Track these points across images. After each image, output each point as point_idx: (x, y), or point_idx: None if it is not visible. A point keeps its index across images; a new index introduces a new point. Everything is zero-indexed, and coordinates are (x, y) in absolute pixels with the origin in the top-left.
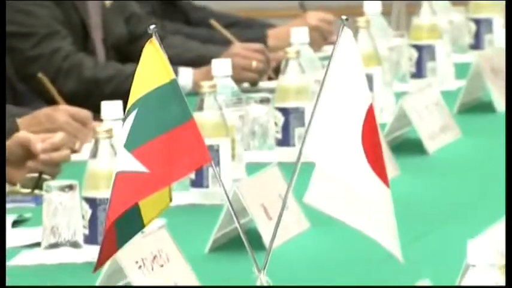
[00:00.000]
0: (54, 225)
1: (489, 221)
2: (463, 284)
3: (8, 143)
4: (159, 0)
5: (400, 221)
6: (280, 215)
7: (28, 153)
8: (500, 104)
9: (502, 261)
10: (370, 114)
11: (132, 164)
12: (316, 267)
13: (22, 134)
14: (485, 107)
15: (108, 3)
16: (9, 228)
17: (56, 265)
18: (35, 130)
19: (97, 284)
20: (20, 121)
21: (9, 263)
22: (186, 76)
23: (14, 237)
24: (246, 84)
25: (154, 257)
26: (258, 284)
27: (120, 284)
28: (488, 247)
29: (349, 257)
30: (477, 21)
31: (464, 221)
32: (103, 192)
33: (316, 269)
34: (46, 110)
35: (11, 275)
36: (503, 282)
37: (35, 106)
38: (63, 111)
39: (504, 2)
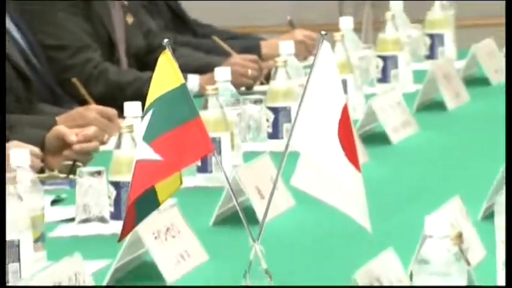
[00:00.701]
0: (86, 203)
1: (443, 200)
2: (421, 252)
3: (48, 135)
4: (171, 18)
5: (370, 199)
6: (271, 195)
7: (64, 144)
8: (450, 104)
9: (454, 232)
10: (344, 112)
11: (149, 153)
12: (300, 237)
13: (59, 128)
14: (438, 106)
15: (129, 20)
16: (48, 207)
17: (87, 236)
18: (70, 125)
19: (120, 252)
20: (58, 118)
21: (49, 235)
22: (193, 81)
23: (52, 213)
24: (242, 88)
25: (167, 229)
26: (253, 251)
27: (140, 252)
28: (442, 221)
29: (327, 229)
30: (431, 36)
31: (423, 200)
32: (125, 177)
33: (301, 239)
34: (79, 109)
35: (49, 245)
36: (455, 250)
37: (70, 106)
38: (93, 110)
39: (453, 18)
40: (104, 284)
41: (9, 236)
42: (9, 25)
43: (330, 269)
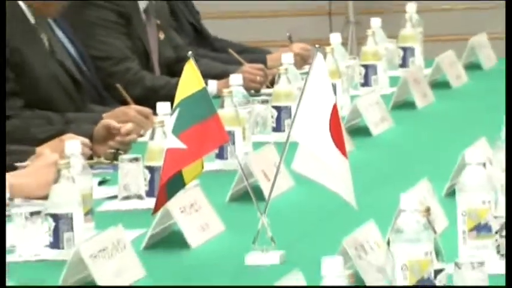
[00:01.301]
0: (126, 184)
1: (414, 181)
2: (396, 223)
3: (96, 128)
4: (194, 35)
5: (355, 181)
6: (275, 177)
7: (109, 135)
8: (419, 103)
9: (423, 207)
10: (334, 110)
11: (177, 143)
12: (298, 211)
13: (106, 120)
14: (410, 105)
15: (161, 37)
16: (96, 187)
17: (127, 210)
18: (114, 118)
19: (153, 223)
20: (104, 115)
21: (97, 209)
22: (212, 85)
23: (99, 192)
24: (252, 91)
25: (192, 205)
26: (261, 222)
27: (169, 223)
28: (413, 198)
29: (320, 204)
30: (404, 49)
31: (398, 181)
32: (158, 163)
33: (299, 212)
34: (121, 108)
35: (97, 217)
36: (424, 221)
37: (114, 106)
38: (132, 109)
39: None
40: (142, 247)
41: (65, 209)
42: (64, 39)
43: (322, 236)
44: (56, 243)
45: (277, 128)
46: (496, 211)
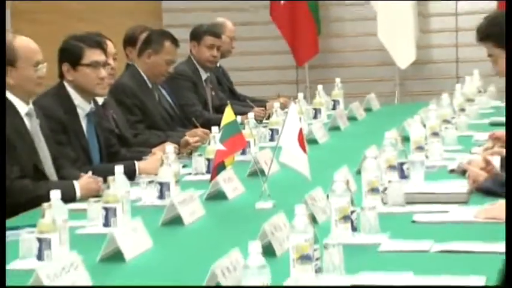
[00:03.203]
0: (196, 167)
1: (341, 166)
2: (332, 187)
3: (182, 140)
4: (228, 92)
5: (311, 166)
6: (270, 164)
7: (188, 143)
8: (343, 126)
9: (345, 179)
10: (300, 131)
11: (221, 147)
12: (285, 182)
13: (186, 137)
14: (337, 129)
15: (213, 93)
16: (181, 169)
17: (196, 181)
18: (190, 135)
19: (210, 187)
20: (187, 133)
21: (182, 179)
22: (238, 118)
23: (182, 171)
24: (258, 121)
25: (229, 178)
26: (263, 187)
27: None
28: (340, 175)
29: (296, 178)
30: (333, 101)
31: (333, 167)
32: (212, 157)
33: (282, 182)
34: (194, 130)
35: (183, 186)
36: (346, 187)
37: (190, 128)
38: (199, 130)
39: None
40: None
41: (165, 179)
42: (165, 93)
43: (295, 194)
44: (161, 197)
45: (271, 140)
46: (382, 182)
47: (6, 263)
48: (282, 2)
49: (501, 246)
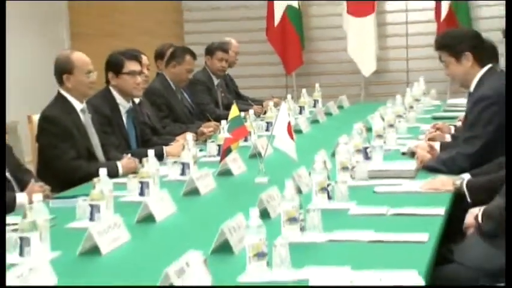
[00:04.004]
0: (210, 151)
1: (319, 150)
2: (313, 167)
3: (198, 130)
4: (234, 93)
5: (298, 150)
6: (266, 148)
7: (203, 133)
8: (321, 119)
9: (322, 160)
10: (288, 123)
11: (228, 135)
12: (275, 161)
13: (201, 128)
14: (316, 122)
15: (222, 95)
16: (198, 152)
17: (208, 162)
18: (205, 126)
19: (220, 167)
20: (203, 125)
21: (199, 160)
22: (241, 113)
23: (199, 154)
24: (257, 116)
25: (234, 159)
26: (261, 166)
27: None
28: (319, 157)
29: (283, 159)
30: (314, 100)
31: (313, 151)
32: (222, 142)
33: (276, 162)
34: (207, 123)
35: (199, 164)
36: (323, 166)
37: (204, 121)
38: (212, 123)
39: None
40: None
41: (187, 160)
42: (186, 95)
43: (286, 171)
44: (183, 173)
45: (267, 130)
46: (351, 162)
47: (67, 224)
48: (275, 25)
49: (441, 210)
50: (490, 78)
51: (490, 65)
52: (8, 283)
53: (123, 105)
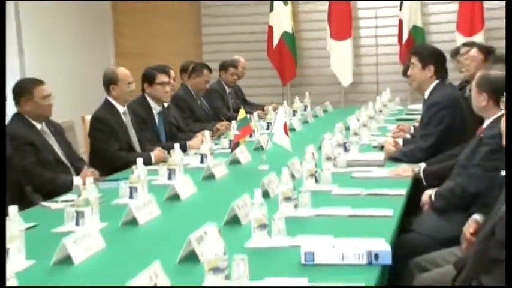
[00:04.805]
0: (223, 145)
1: (308, 145)
2: (304, 157)
3: (214, 128)
4: (242, 100)
5: (292, 144)
6: (267, 143)
7: (218, 130)
8: (310, 120)
9: (311, 155)
10: (284, 123)
11: (237, 132)
12: (274, 152)
13: (216, 126)
14: (306, 122)
15: (232, 101)
16: (214, 145)
17: (219, 153)
18: (220, 126)
19: (231, 156)
20: (218, 125)
21: (215, 151)
22: (247, 116)
23: (214, 147)
24: (260, 118)
25: (242, 151)
26: (263, 157)
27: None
28: (309, 149)
29: (280, 150)
30: (305, 106)
31: (304, 145)
32: (232, 139)
33: (275, 153)
34: (221, 122)
35: (215, 156)
36: (312, 157)
37: (219, 121)
38: (225, 122)
39: None
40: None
41: (204, 151)
42: (203, 101)
43: (283, 160)
44: (202, 162)
45: (268, 128)
46: (333, 154)
47: (112, 201)
48: (274, 47)
49: (403, 191)
50: (441, 88)
51: (441, 79)
52: (65, 246)
53: (155, 108)
